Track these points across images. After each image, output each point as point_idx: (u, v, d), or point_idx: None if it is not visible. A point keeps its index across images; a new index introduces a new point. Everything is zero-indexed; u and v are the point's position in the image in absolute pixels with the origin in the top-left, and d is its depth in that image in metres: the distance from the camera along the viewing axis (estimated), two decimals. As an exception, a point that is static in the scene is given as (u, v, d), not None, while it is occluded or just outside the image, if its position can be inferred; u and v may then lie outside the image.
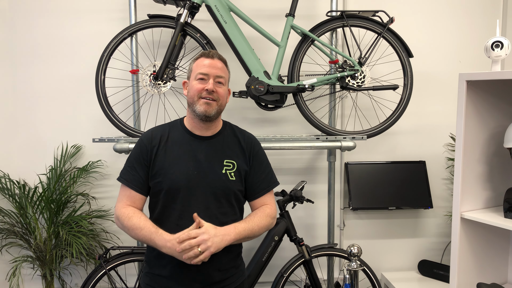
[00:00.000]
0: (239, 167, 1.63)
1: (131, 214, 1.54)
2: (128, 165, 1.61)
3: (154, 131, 1.64)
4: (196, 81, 1.59)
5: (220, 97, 1.60)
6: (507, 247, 1.89)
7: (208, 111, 1.57)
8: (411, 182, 2.70)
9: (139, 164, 1.58)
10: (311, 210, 2.79)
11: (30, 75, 2.60)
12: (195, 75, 1.60)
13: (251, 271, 2.27)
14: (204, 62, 1.60)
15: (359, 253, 2.18)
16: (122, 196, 1.60)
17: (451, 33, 2.77)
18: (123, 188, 1.60)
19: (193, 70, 1.62)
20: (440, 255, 2.85)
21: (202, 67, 1.59)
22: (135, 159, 1.60)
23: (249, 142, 1.70)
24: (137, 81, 2.49)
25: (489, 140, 1.78)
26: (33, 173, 2.65)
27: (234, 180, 1.61)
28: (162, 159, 1.58)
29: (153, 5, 2.50)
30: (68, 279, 2.69)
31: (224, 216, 1.59)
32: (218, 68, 1.60)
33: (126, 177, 1.60)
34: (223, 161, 1.62)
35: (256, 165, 1.69)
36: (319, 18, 2.56)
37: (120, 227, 1.57)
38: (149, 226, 1.50)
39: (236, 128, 1.75)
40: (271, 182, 1.73)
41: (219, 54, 1.65)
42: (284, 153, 2.75)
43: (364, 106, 2.72)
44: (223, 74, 1.62)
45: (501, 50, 1.68)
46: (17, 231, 2.50)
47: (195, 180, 1.56)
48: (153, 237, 1.47)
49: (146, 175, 1.58)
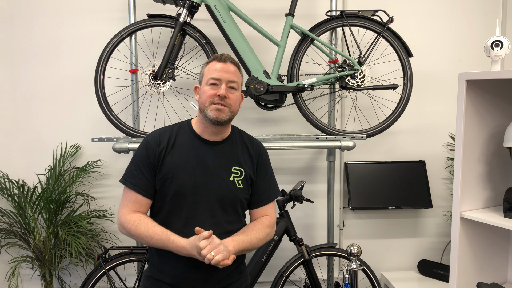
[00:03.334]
0: (246, 174, 1.59)
1: (137, 221, 1.47)
2: (134, 168, 1.53)
3: (161, 133, 1.57)
4: (208, 86, 1.52)
5: (232, 103, 1.54)
6: (507, 246, 1.89)
7: (220, 117, 1.50)
8: (411, 181, 2.70)
9: (146, 167, 1.51)
10: (311, 210, 2.79)
11: (29, 75, 2.60)
12: (206, 79, 1.53)
13: (251, 271, 2.27)
14: (216, 66, 1.53)
15: (358, 253, 2.18)
16: (127, 201, 1.52)
17: (451, 32, 2.77)
18: (129, 192, 1.52)
19: (204, 74, 1.56)
20: (440, 254, 2.85)
21: (214, 71, 1.52)
22: (141, 162, 1.52)
23: (257, 150, 1.66)
24: (137, 80, 2.49)
25: (489, 140, 1.78)
26: (32, 173, 2.64)
27: (242, 188, 1.57)
28: (169, 163, 1.52)
29: (152, 4, 2.49)
30: (67, 279, 2.69)
31: (230, 225, 1.55)
32: (231, 72, 1.54)
33: (132, 181, 1.51)
34: (231, 168, 1.57)
35: (263, 174, 1.65)
36: (319, 17, 2.55)
37: (126, 234, 1.51)
38: (158, 233, 1.44)
39: (245, 134, 1.69)
40: (274, 192, 1.69)
41: (232, 58, 1.58)
42: (284, 152, 2.75)
43: (364, 105, 2.72)
44: (235, 78, 1.55)
45: (500, 49, 1.67)
46: (16, 231, 2.50)
47: (202, 186, 1.51)
48: (165, 244, 1.43)
49: (153, 179, 1.52)
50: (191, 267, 1.50)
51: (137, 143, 2.26)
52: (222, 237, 1.47)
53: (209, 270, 1.51)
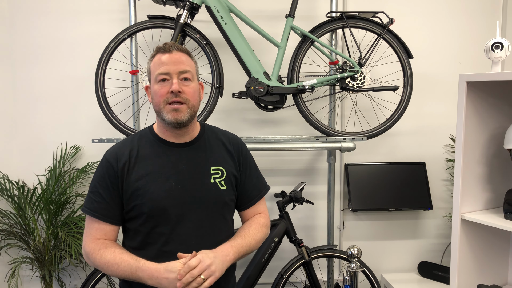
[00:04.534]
0: (228, 173, 1.43)
1: (102, 248, 1.30)
2: (91, 191, 1.35)
3: (119, 147, 1.38)
4: (158, 85, 1.33)
5: (190, 97, 1.34)
6: (507, 248, 1.89)
7: (179, 118, 1.32)
8: (411, 183, 2.70)
9: (104, 189, 1.33)
10: (311, 211, 2.78)
11: (30, 75, 2.60)
12: (154, 76, 1.34)
13: (251, 272, 2.27)
14: (161, 59, 1.33)
15: (359, 255, 2.17)
16: (89, 229, 1.34)
17: (451, 34, 2.77)
18: (89, 219, 1.35)
19: (151, 71, 1.36)
20: (440, 256, 2.84)
21: (160, 65, 1.33)
22: (99, 183, 1.34)
23: (235, 144, 1.50)
24: (137, 81, 2.49)
25: (489, 141, 1.78)
26: (32, 174, 2.64)
27: (226, 189, 1.41)
28: (136, 178, 1.33)
29: (152, 5, 2.50)
30: (67, 280, 2.69)
31: (219, 234, 1.39)
32: (180, 62, 1.33)
33: (90, 206, 1.34)
34: (210, 168, 1.40)
35: (247, 170, 1.50)
36: (319, 19, 2.55)
37: (92, 265, 1.32)
38: (127, 259, 1.26)
39: (217, 129, 1.52)
40: (263, 187, 1.55)
41: (178, 45, 1.37)
42: (284, 154, 2.75)
43: (364, 107, 2.72)
44: (187, 67, 1.34)
45: (501, 51, 1.67)
46: (16, 232, 2.50)
47: (180, 196, 1.34)
48: (134, 270, 1.24)
49: (114, 201, 1.34)
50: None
51: (137, 144, 2.26)
52: (212, 248, 1.32)
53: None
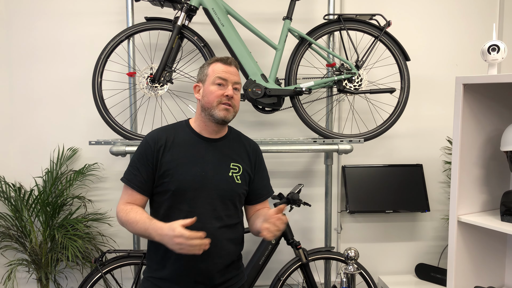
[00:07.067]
0: (244, 171, 1.67)
1: (129, 209, 1.55)
2: (131, 165, 1.62)
3: (159, 132, 1.65)
4: (215, 86, 1.59)
5: (236, 104, 1.63)
6: (504, 250, 1.89)
7: (227, 117, 1.60)
8: (408, 185, 2.70)
9: (142, 165, 1.59)
10: (308, 213, 2.78)
11: (27, 77, 2.60)
12: (212, 79, 1.60)
13: (248, 274, 2.26)
14: (222, 67, 1.62)
15: (356, 257, 2.17)
16: (124, 195, 1.62)
17: (448, 36, 2.78)
18: (125, 187, 1.62)
19: (209, 74, 1.62)
20: (437, 258, 2.85)
21: (221, 72, 1.60)
22: (138, 159, 1.61)
23: (254, 149, 1.75)
24: (134, 83, 2.49)
25: (485, 144, 1.78)
26: (29, 175, 2.63)
27: (240, 183, 1.65)
28: (169, 160, 1.58)
29: (150, 7, 2.50)
30: (63, 282, 2.67)
31: (230, 219, 1.62)
32: (236, 74, 1.63)
33: (127, 176, 1.61)
34: (230, 164, 1.65)
35: (260, 172, 1.75)
36: (316, 21, 2.56)
37: (120, 223, 1.58)
38: (144, 218, 1.50)
39: (241, 133, 1.78)
40: (270, 189, 1.80)
41: (236, 62, 1.67)
42: (281, 156, 2.75)
43: (361, 109, 2.72)
44: (239, 81, 1.65)
45: (497, 53, 1.68)
46: (13, 234, 2.49)
47: (202, 181, 1.58)
48: (146, 227, 1.47)
49: (148, 176, 1.59)
50: (194, 257, 1.47)
51: (135, 146, 2.26)
52: (222, 230, 1.58)
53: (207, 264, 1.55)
